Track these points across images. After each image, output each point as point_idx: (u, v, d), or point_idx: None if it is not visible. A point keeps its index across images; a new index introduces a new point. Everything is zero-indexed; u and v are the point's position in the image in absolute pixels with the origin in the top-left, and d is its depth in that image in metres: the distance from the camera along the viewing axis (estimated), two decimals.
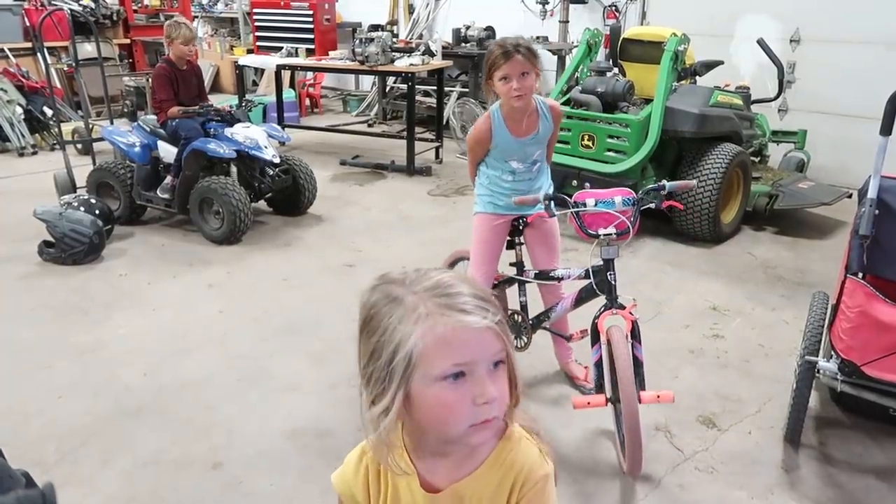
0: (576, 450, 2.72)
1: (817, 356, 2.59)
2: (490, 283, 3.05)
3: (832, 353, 2.50)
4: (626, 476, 2.53)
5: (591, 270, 2.67)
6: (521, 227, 2.99)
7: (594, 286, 2.66)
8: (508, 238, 3.02)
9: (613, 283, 2.59)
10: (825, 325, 2.69)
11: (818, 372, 2.57)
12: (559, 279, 2.91)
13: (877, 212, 2.53)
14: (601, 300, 2.66)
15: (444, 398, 0.92)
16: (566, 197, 2.63)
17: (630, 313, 2.56)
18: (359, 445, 1.14)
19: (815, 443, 2.79)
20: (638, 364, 2.52)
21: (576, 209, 2.58)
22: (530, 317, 3.07)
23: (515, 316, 3.06)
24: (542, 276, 2.96)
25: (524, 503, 1.03)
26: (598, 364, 2.62)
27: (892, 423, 2.80)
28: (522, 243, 3.04)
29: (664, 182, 2.63)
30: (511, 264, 3.07)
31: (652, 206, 2.64)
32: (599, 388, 2.62)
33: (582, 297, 2.81)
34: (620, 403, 2.43)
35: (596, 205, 2.56)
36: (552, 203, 2.64)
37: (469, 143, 2.92)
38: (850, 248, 2.52)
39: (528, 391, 2.96)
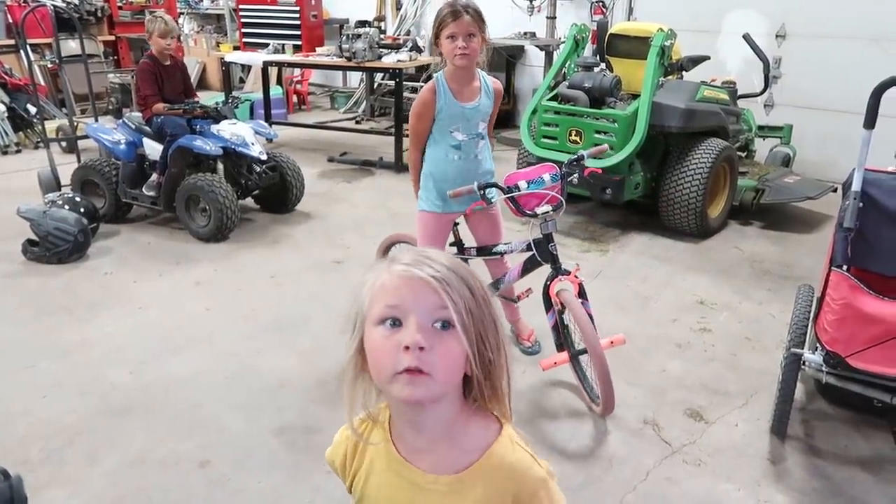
0: (561, 440, 2.73)
1: (803, 348, 2.61)
2: None
3: (817, 345, 2.52)
4: (601, 417, 2.82)
5: (532, 243, 2.86)
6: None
7: (537, 257, 2.88)
8: None
9: (555, 252, 2.81)
10: (810, 318, 2.71)
11: (804, 364, 2.59)
12: (502, 254, 3.08)
13: (861, 205, 2.54)
14: (546, 269, 2.89)
15: (377, 341, 0.96)
16: (497, 182, 2.81)
17: (575, 276, 2.78)
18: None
19: (802, 434, 2.81)
20: (590, 318, 2.71)
21: (510, 194, 2.76)
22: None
23: None
24: (485, 251, 3.13)
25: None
26: (556, 327, 2.89)
27: (876, 414, 2.83)
28: (458, 224, 3.18)
29: (582, 153, 2.86)
30: (451, 244, 3.21)
31: (574, 177, 2.82)
32: (560, 347, 2.92)
33: (527, 268, 3.00)
34: (587, 354, 2.70)
35: (528, 186, 2.76)
36: (485, 191, 2.76)
37: (413, 114, 2.91)
38: (835, 241, 2.53)
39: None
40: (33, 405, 2.95)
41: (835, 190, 5.04)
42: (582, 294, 2.78)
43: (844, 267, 2.44)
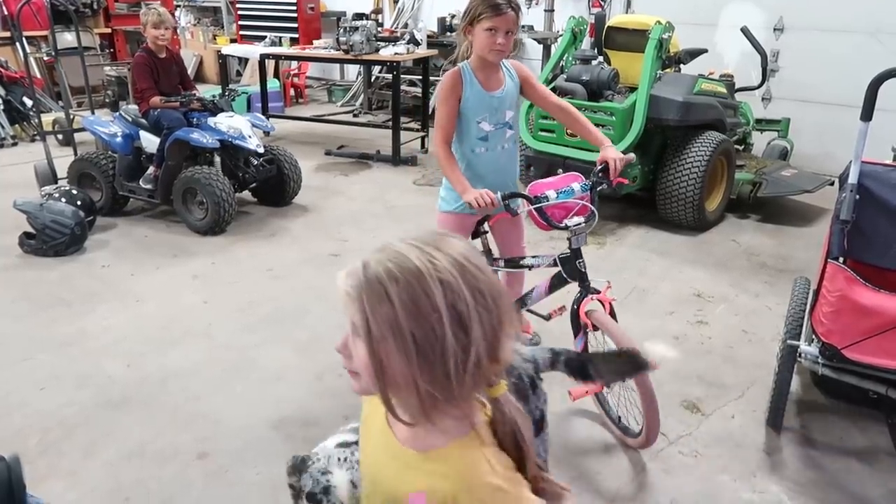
0: (555, 432, 2.73)
1: (799, 340, 2.62)
2: None
3: (813, 336, 2.53)
4: (641, 449, 2.59)
5: (558, 259, 2.64)
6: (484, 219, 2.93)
7: (564, 274, 2.65)
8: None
9: (584, 270, 2.59)
10: (807, 310, 2.72)
11: (800, 356, 2.60)
12: (529, 267, 2.86)
13: (857, 197, 2.56)
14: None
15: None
16: (524, 193, 2.58)
17: (606, 296, 2.57)
18: None
19: (798, 426, 2.82)
20: None
21: (538, 204, 2.52)
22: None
23: None
24: (512, 264, 2.92)
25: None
26: (585, 352, 2.59)
27: (872, 406, 2.84)
28: (487, 231, 2.98)
29: (608, 159, 2.63)
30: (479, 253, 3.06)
31: (604, 186, 2.61)
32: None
33: (554, 285, 2.77)
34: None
35: (557, 196, 2.53)
36: (510, 201, 2.54)
37: (439, 100, 2.71)
38: (831, 233, 2.54)
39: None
40: (31, 397, 2.95)
41: (832, 183, 5.04)
42: (612, 315, 2.55)
43: (841, 259, 2.44)
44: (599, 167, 2.60)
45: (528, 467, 1.04)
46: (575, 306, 2.59)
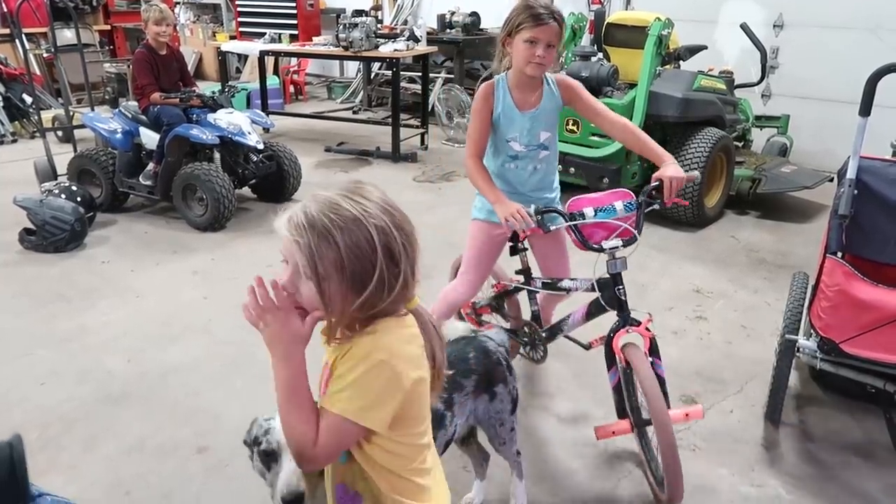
0: (555, 427, 2.74)
1: (797, 335, 2.63)
2: (474, 292, 2.77)
3: (812, 331, 2.54)
4: None
5: (596, 284, 2.41)
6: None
7: (601, 301, 2.41)
8: (510, 244, 2.72)
9: (623, 298, 2.34)
10: (805, 305, 2.73)
11: (798, 350, 2.61)
12: (567, 291, 2.59)
13: (855, 192, 2.56)
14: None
15: None
16: (560, 209, 2.39)
17: (647, 329, 2.31)
18: None
19: (796, 420, 2.83)
20: (661, 382, 2.28)
21: (573, 222, 2.31)
22: (544, 327, 2.79)
23: (527, 328, 2.80)
24: (550, 285, 2.67)
25: (338, 364, 1.27)
26: (618, 388, 2.41)
27: (869, 400, 2.85)
28: (526, 248, 2.75)
29: (662, 177, 2.33)
30: (517, 272, 2.79)
31: (656, 206, 2.35)
32: (621, 413, 2.43)
33: (591, 312, 2.51)
34: (651, 426, 2.25)
35: (595, 214, 2.30)
36: (544, 217, 2.33)
37: (472, 109, 2.54)
38: (830, 228, 2.54)
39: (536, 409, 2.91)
40: (31, 393, 2.96)
41: (831, 179, 5.05)
42: (654, 351, 2.31)
43: (839, 254, 2.45)
44: (652, 185, 2.34)
45: (438, 366, 1.34)
46: (610, 334, 2.38)
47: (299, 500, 1.37)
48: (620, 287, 2.35)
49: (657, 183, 2.33)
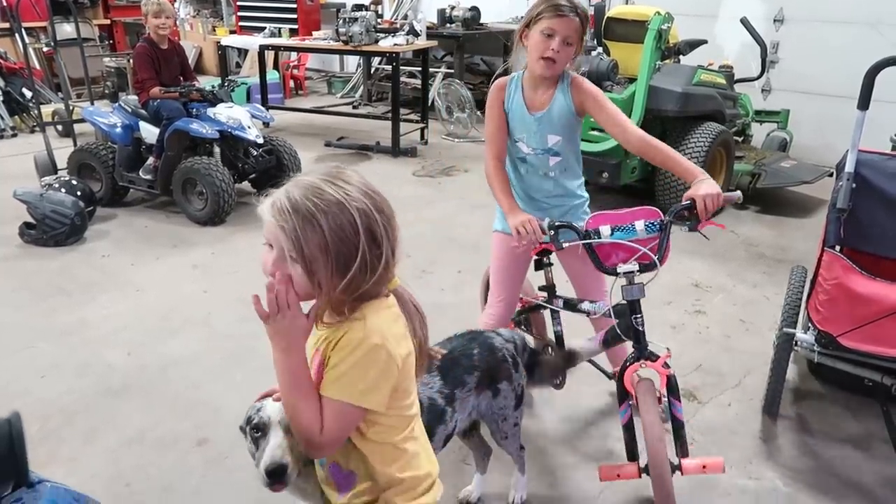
0: (555, 422, 2.75)
1: (795, 328, 2.64)
2: (510, 312, 2.60)
3: (809, 324, 2.55)
4: None
5: (612, 311, 2.20)
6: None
7: (617, 330, 2.21)
8: (536, 257, 2.54)
9: (640, 328, 2.13)
10: (803, 299, 2.73)
11: (796, 344, 2.62)
12: (586, 314, 2.41)
13: (854, 185, 2.56)
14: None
15: None
16: (574, 225, 2.16)
17: (664, 365, 2.09)
18: None
19: (793, 414, 2.84)
20: (679, 425, 2.09)
21: (587, 240, 2.11)
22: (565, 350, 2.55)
23: (548, 349, 2.65)
24: (570, 305, 2.49)
25: (333, 353, 1.29)
26: (629, 427, 2.19)
27: (867, 393, 2.85)
28: (551, 264, 2.56)
29: (694, 196, 2.05)
30: (541, 288, 2.63)
31: (685, 229, 2.11)
32: (631, 455, 2.20)
33: (608, 340, 2.32)
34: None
35: (612, 234, 2.09)
36: (558, 232, 2.13)
37: (486, 106, 2.39)
38: (828, 222, 2.55)
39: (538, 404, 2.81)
40: (32, 385, 2.97)
41: (831, 174, 5.03)
42: (672, 390, 2.10)
43: (837, 247, 2.45)
44: (683, 204, 2.07)
45: (421, 343, 1.40)
46: (623, 368, 2.15)
47: (282, 473, 1.38)
48: (637, 316, 2.13)
49: (689, 202, 2.05)
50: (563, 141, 2.34)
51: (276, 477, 1.38)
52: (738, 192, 2.16)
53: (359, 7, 7.57)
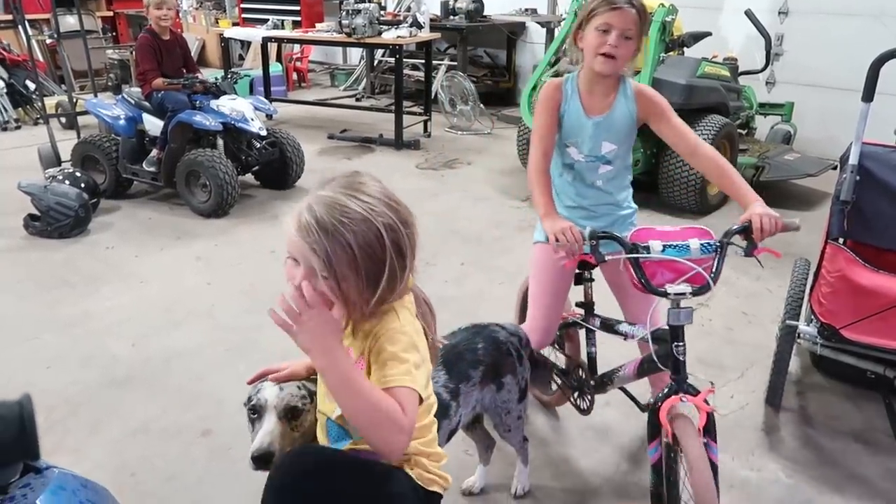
0: (558, 414, 2.76)
1: (798, 321, 2.64)
2: (553, 329, 2.41)
3: (812, 317, 2.55)
4: None
5: (650, 336, 2.00)
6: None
7: (654, 357, 2.00)
8: (577, 271, 2.37)
9: (681, 358, 1.89)
10: (806, 291, 2.74)
11: (799, 336, 2.62)
12: (623, 336, 2.24)
13: (858, 178, 2.56)
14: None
15: None
16: (619, 237, 1.92)
17: (705, 401, 1.84)
18: None
19: (796, 406, 2.85)
20: (713, 470, 1.76)
21: (634, 255, 1.88)
22: (597, 374, 2.40)
23: (579, 370, 2.47)
24: (607, 325, 2.32)
25: (376, 344, 1.32)
26: (657, 468, 1.94)
27: (869, 386, 2.86)
28: (593, 279, 2.39)
29: (752, 217, 1.91)
30: (578, 304, 2.45)
31: (741, 252, 1.94)
32: (656, 499, 1.95)
33: (644, 368, 2.15)
34: None
35: (664, 251, 1.88)
36: (600, 243, 1.90)
37: (536, 109, 2.23)
38: (831, 214, 2.55)
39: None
40: (36, 376, 2.99)
41: (835, 167, 5.02)
42: (709, 430, 1.82)
43: (840, 240, 2.45)
44: (739, 226, 1.93)
45: (431, 340, 1.44)
46: (659, 399, 1.90)
47: (268, 460, 1.40)
48: (679, 344, 1.90)
49: (745, 224, 1.91)
50: (618, 150, 2.21)
51: (261, 463, 1.42)
52: (798, 220, 1.97)
53: None
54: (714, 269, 1.89)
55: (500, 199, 5.28)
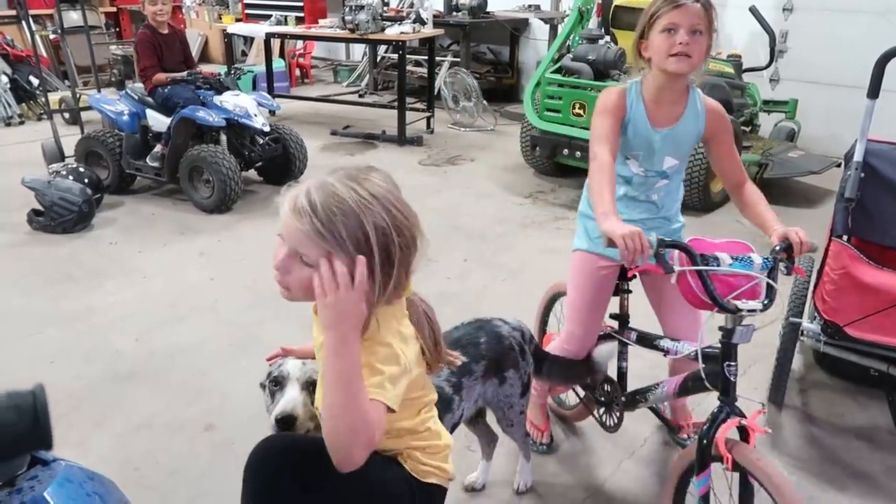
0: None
1: (802, 318, 2.64)
2: (592, 341, 2.29)
3: (816, 314, 2.55)
4: None
5: (700, 353, 1.90)
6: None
7: (703, 377, 1.88)
8: (618, 281, 2.27)
9: (733, 379, 1.80)
10: (810, 288, 2.73)
11: (802, 333, 2.62)
12: (664, 352, 2.10)
13: (862, 175, 2.55)
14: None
15: None
16: (689, 247, 1.78)
17: (755, 423, 1.76)
18: None
19: (799, 404, 2.85)
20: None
21: (704, 267, 1.74)
22: (628, 390, 2.30)
23: (606, 386, 2.34)
24: (646, 341, 2.18)
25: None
26: (706, 500, 1.79)
27: (873, 384, 2.85)
28: (630, 291, 2.29)
29: (792, 235, 1.86)
30: (612, 316, 2.32)
31: (784, 271, 1.86)
32: None
33: (688, 387, 2.03)
34: None
35: (732, 263, 1.78)
36: (665, 253, 1.75)
37: (596, 110, 2.05)
38: (836, 212, 2.55)
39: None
40: (40, 371, 2.99)
41: (839, 165, 5.00)
42: None
43: (844, 237, 2.45)
44: (785, 243, 1.85)
45: (439, 344, 1.44)
46: (711, 430, 1.76)
47: (291, 423, 1.46)
48: (732, 365, 1.80)
49: (786, 243, 1.85)
50: (679, 165, 2.11)
51: (284, 425, 1.46)
52: (815, 242, 1.90)
53: None
54: (769, 285, 1.81)
55: (503, 195, 5.27)
